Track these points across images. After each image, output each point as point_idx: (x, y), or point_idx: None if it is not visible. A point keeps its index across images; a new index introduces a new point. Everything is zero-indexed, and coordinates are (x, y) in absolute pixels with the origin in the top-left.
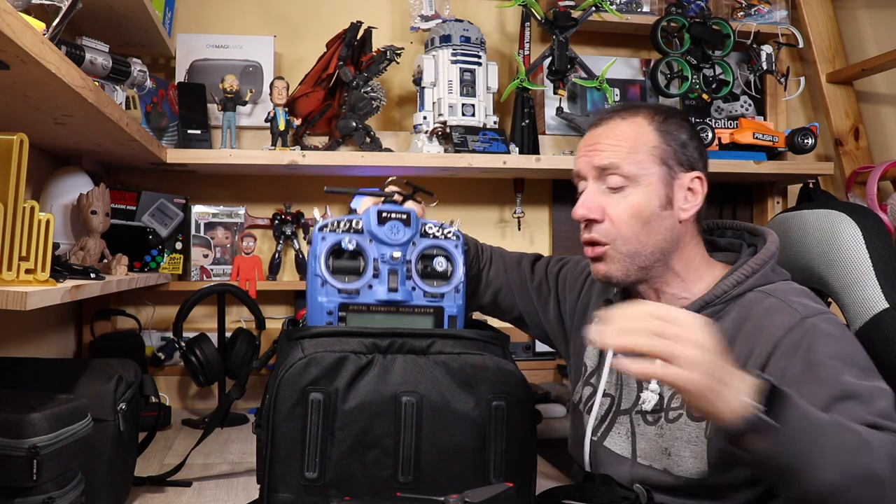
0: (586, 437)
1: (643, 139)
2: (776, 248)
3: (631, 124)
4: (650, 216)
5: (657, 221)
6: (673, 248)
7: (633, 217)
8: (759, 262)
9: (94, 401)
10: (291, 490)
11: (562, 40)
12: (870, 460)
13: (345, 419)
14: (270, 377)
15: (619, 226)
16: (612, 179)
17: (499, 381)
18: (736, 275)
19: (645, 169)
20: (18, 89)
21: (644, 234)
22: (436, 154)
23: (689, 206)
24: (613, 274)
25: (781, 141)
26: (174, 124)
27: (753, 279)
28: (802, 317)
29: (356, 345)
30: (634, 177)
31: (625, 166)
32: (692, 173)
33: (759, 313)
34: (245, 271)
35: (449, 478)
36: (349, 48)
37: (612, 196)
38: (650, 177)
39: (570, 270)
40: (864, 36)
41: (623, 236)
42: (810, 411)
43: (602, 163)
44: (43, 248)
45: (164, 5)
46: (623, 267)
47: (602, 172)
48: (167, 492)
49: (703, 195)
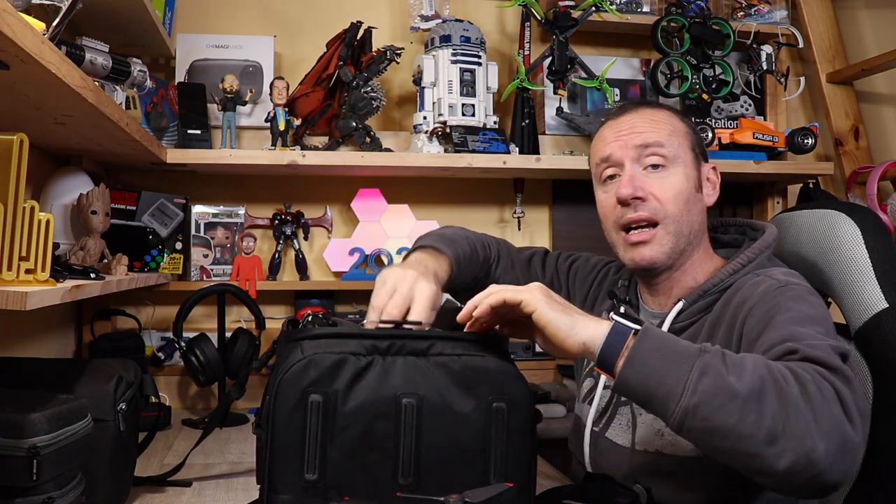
0: (587, 429)
1: (676, 124)
2: (773, 239)
3: (661, 111)
4: (689, 197)
5: (694, 203)
6: (699, 234)
7: (678, 195)
8: (756, 252)
9: (94, 401)
10: (291, 491)
11: (562, 40)
12: (735, 381)
13: (345, 421)
14: (270, 378)
15: (665, 204)
16: (652, 159)
17: (499, 383)
18: (733, 263)
19: (682, 152)
20: (18, 89)
21: (686, 214)
22: (436, 154)
23: (712, 193)
24: (658, 257)
25: (781, 141)
26: (174, 124)
27: (749, 267)
28: (780, 285)
29: (355, 346)
30: (673, 157)
31: (666, 145)
32: (710, 163)
33: (746, 289)
34: (245, 271)
35: (449, 479)
36: (349, 48)
37: (651, 176)
38: (686, 158)
39: (580, 267)
40: (864, 36)
41: (670, 215)
42: (670, 340)
43: (646, 140)
44: (43, 248)
45: (164, 5)
46: (669, 249)
47: (643, 151)
48: (167, 492)
49: (718, 185)
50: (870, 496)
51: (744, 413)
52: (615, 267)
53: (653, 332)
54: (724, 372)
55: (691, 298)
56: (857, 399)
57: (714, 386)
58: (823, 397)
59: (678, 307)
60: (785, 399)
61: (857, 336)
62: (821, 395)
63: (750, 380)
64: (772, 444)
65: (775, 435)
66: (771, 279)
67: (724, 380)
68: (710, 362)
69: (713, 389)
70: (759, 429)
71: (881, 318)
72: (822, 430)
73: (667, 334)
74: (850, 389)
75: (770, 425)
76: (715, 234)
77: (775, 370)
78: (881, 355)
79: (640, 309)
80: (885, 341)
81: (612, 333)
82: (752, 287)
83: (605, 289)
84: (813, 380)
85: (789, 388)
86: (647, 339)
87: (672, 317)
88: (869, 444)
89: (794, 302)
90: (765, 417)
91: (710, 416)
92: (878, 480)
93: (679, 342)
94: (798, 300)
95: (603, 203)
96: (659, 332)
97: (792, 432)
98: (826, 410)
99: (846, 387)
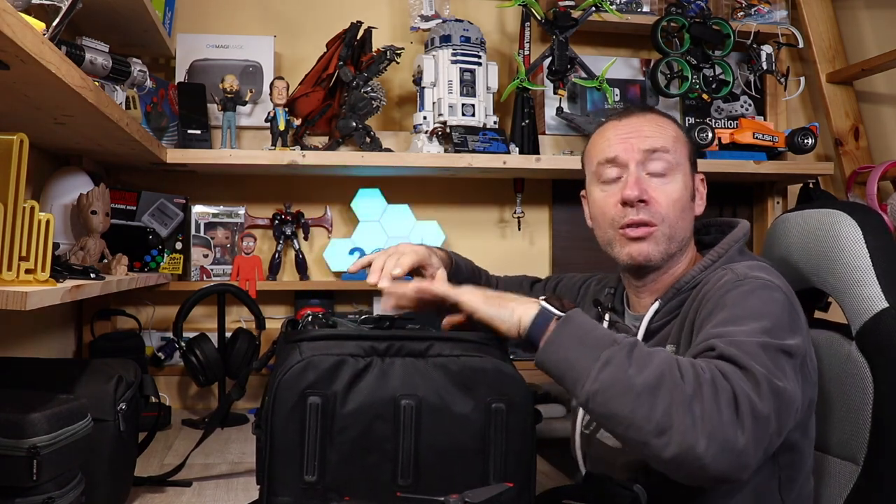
0: (577, 431)
1: (679, 133)
2: (743, 234)
3: (666, 118)
4: (685, 205)
5: (688, 211)
6: (689, 240)
7: (675, 202)
8: (725, 247)
9: (94, 401)
10: (291, 493)
11: (562, 40)
12: (634, 374)
13: (343, 422)
14: (269, 380)
15: (665, 209)
16: (657, 164)
17: (498, 383)
18: (703, 261)
19: (682, 159)
20: (18, 89)
21: (681, 220)
22: (436, 154)
23: (701, 203)
24: (654, 255)
25: (781, 141)
26: (174, 124)
27: (719, 263)
28: (737, 279)
29: (354, 348)
30: (676, 164)
31: (671, 151)
32: (700, 174)
33: (709, 284)
34: (245, 271)
35: (449, 480)
36: (349, 48)
37: (654, 180)
38: (685, 167)
39: (565, 284)
40: (864, 36)
41: (668, 219)
42: (588, 329)
43: (654, 145)
44: (43, 248)
45: (164, 5)
46: (663, 249)
47: (648, 156)
48: (167, 492)
49: (705, 196)
50: (870, 496)
51: (637, 405)
52: (596, 280)
53: (575, 320)
54: (626, 365)
55: (666, 298)
56: (760, 401)
57: (613, 377)
58: (716, 399)
59: (654, 307)
60: (676, 397)
61: (857, 335)
62: (713, 397)
63: (649, 375)
64: (659, 436)
65: (663, 428)
66: (732, 272)
67: (624, 372)
68: (616, 354)
69: (612, 380)
70: (649, 421)
71: (881, 317)
72: (705, 430)
73: (589, 322)
74: (755, 391)
75: (659, 419)
76: (699, 237)
77: (677, 368)
78: (881, 355)
79: (625, 314)
80: (885, 341)
81: (538, 316)
82: (714, 282)
83: (590, 298)
84: (712, 380)
85: (684, 387)
86: (568, 325)
87: (649, 317)
88: (870, 444)
89: (741, 297)
90: (655, 411)
91: (607, 403)
92: (879, 480)
93: (596, 332)
94: (748, 295)
95: (600, 202)
96: (581, 320)
97: (677, 428)
98: (713, 412)
99: (750, 389)
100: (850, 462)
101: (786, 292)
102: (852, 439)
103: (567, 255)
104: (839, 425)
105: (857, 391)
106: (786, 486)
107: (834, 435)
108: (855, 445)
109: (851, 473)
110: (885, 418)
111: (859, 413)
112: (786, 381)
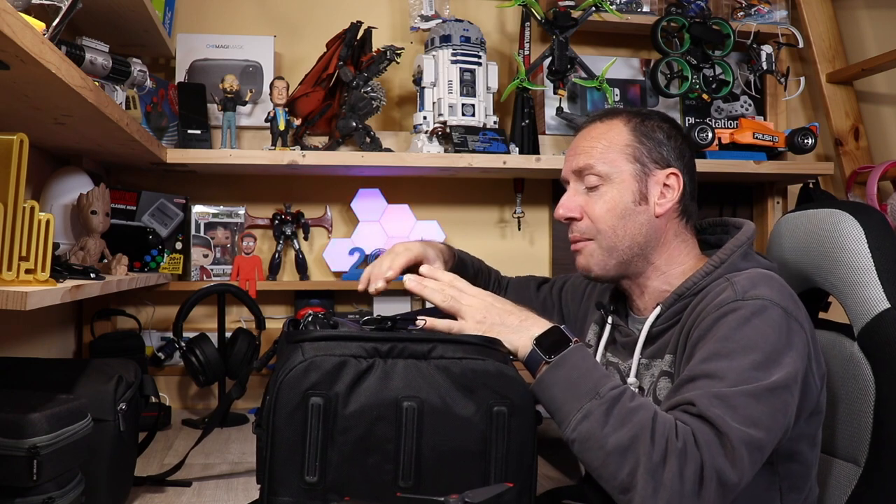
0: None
1: (616, 138)
2: (747, 237)
3: (607, 126)
4: (624, 211)
5: (632, 216)
6: (652, 242)
7: (609, 213)
8: (727, 252)
9: (94, 401)
10: (291, 494)
11: (562, 40)
12: (609, 432)
13: (345, 423)
14: (271, 379)
15: (597, 222)
16: (589, 179)
17: (500, 386)
18: (706, 266)
19: (617, 167)
20: (18, 89)
21: (621, 229)
22: (436, 154)
23: (665, 201)
24: (591, 267)
25: (781, 141)
26: (174, 124)
27: (721, 269)
28: (737, 298)
29: (356, 349)
30: (607, 175)
31: (598, 165)
32: (667, 170)
33: (709, 297)
34: (245, 271)
35: (450, 482)
36: (349, 48)
37: (589, 195)
38: (622, 174)
39: (571, 284)
40: (864, 36)
41: (602, 232)
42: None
43: (578, 165)
44: (43, 248)
45: (164, 5)
46: (600, 261)
47: (580, 174)
48: (167, 492)
49: (679, 191)
50: (871, 498)
51: (606, 462)
52: None
53: (569, 361)
54: (602, 423)
55: (668, 303)
56: (732, 468)
57: (588, 432)
58: (682, 469)
59: (656, 312)
60: (643, 461)
61: (859, 336)
62: (679, 467)
63: (623, 436)
64: (622, 493)
65: (626, 488)
66: (732, 288)
67: (600, 429)
68: (595, 410)
69: (587, 434)
70: (615, 479)
71: (883, 318)
72: (664, 497)
73: (583, 364)
74: (728, 459)
75: (623, 479)
76: (703, 236)
77: (650, 431)
78: (883, 355)
79: (628, 316)
80: (887, 341)
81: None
82: (714, 295)
83: (595, 299)
84: (682, 450)
85: (653, 453)
86: (558, 369)
87: (650, 321)
88: (871, 445)
89: (735, 327)
90: (622, 471)
91: (582, 453)
92: (880, 481)
93: (587, 377)
94: (741, 325)
95: None
96: (574, 361)
97: (638, 492)
98: (676, 482)
99: (723, 457)
100: (851, 464)
101: (783, 306)
102: (854, 440)
103: (567, 255)
104: (841, 426)
105: (858, 392)
106: (787, 496)
107: (836, 436)
108: (857, 447)
109: (853, 475)
110: (886, 420)
111: (861, 414)
112: (766, 430)
